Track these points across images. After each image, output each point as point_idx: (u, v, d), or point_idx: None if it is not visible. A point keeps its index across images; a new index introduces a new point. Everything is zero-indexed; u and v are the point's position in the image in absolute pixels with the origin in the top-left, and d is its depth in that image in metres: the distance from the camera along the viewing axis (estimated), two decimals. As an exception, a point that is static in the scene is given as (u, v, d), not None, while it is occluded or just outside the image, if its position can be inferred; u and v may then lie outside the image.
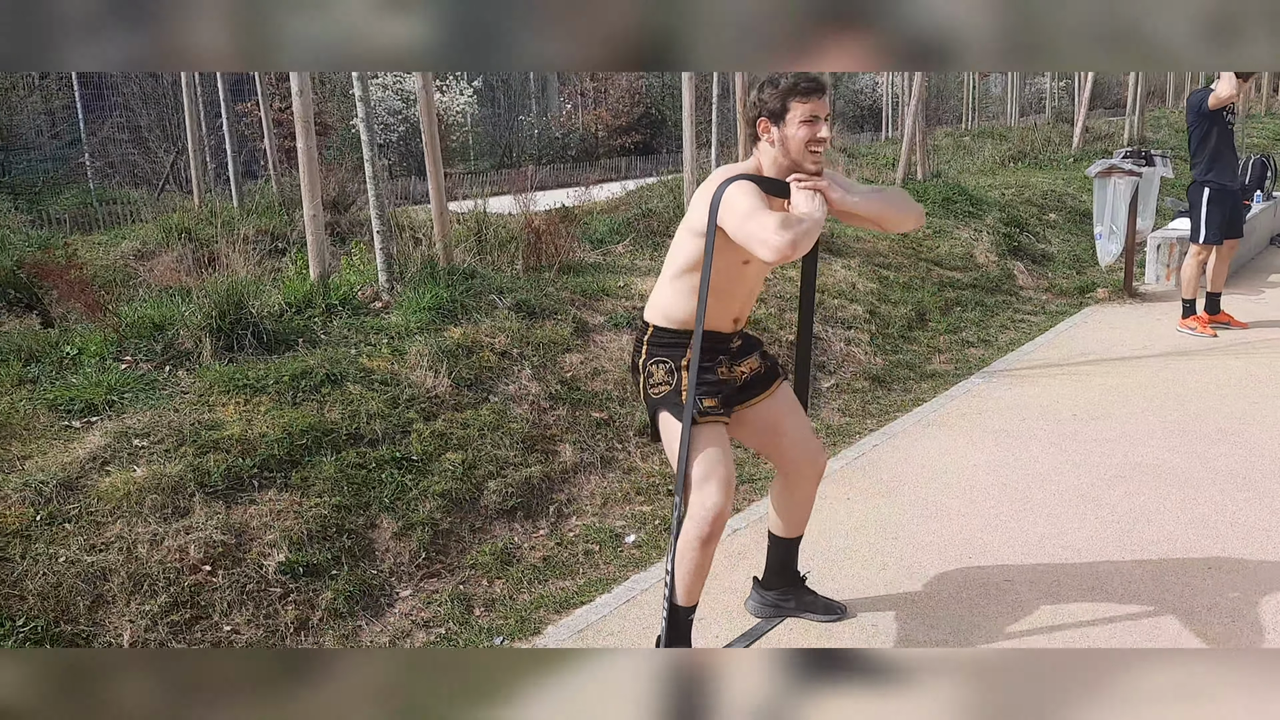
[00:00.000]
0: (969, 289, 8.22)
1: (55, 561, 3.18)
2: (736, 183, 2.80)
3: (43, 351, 4.52)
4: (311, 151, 5.08)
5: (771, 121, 2.87)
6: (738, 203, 2.74)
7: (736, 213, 2.73)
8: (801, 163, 2.87)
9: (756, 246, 2.65)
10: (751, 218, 2.68)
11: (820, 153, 2.87)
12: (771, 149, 2.90)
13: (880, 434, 5.43)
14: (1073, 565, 3.87)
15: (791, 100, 2.84)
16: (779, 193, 2.87)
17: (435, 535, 3.92)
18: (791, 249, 2.60)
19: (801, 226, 2.64)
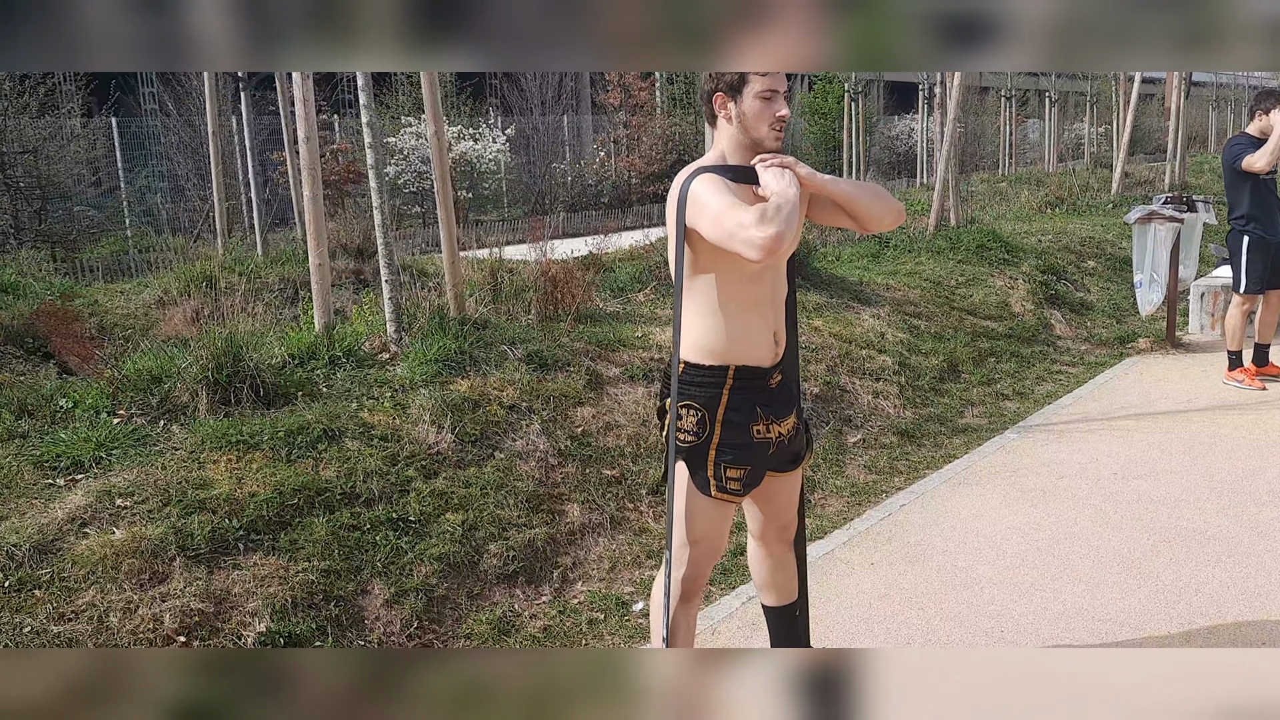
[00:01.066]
0: (1004, 339, 7.94)
1: (19, 631, 3.01)
2: (701, 178, 2.55)
3: (37, 405, 4.40)
4: (317, 200, 4.96)
5: (728, 96, 2.64)
6: (708, 201, 2.49)
7: (708, 213, 2.48)
8: (763, 140, 2.63)
9: (740, 248, 2.39)
10: (726, 214, 2.43)
11: (781, 131, 2.65)
12: (730, 127, 2.66)
13: (908, 493, 5.16)
14: (1112, 640, 3.58)
15: (749, 72, 2.62)
16: (747, 179, 2.61)
17: (430, 602, 3.71)
18: (778, 242, 2.34)
19: (782, 214, 2.38)
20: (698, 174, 2.59)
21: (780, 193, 2.46)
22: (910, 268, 8.99)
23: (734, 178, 2.61)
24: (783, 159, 2.59)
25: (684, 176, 2.64)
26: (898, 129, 27.81)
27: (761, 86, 2.62)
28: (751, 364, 2.73)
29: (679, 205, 2.59)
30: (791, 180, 2.51)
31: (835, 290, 7.66)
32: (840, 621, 3.80)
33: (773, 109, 2.63)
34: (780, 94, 2.65)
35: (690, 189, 2.56)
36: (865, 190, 2.73)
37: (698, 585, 2.83)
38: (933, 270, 8.93)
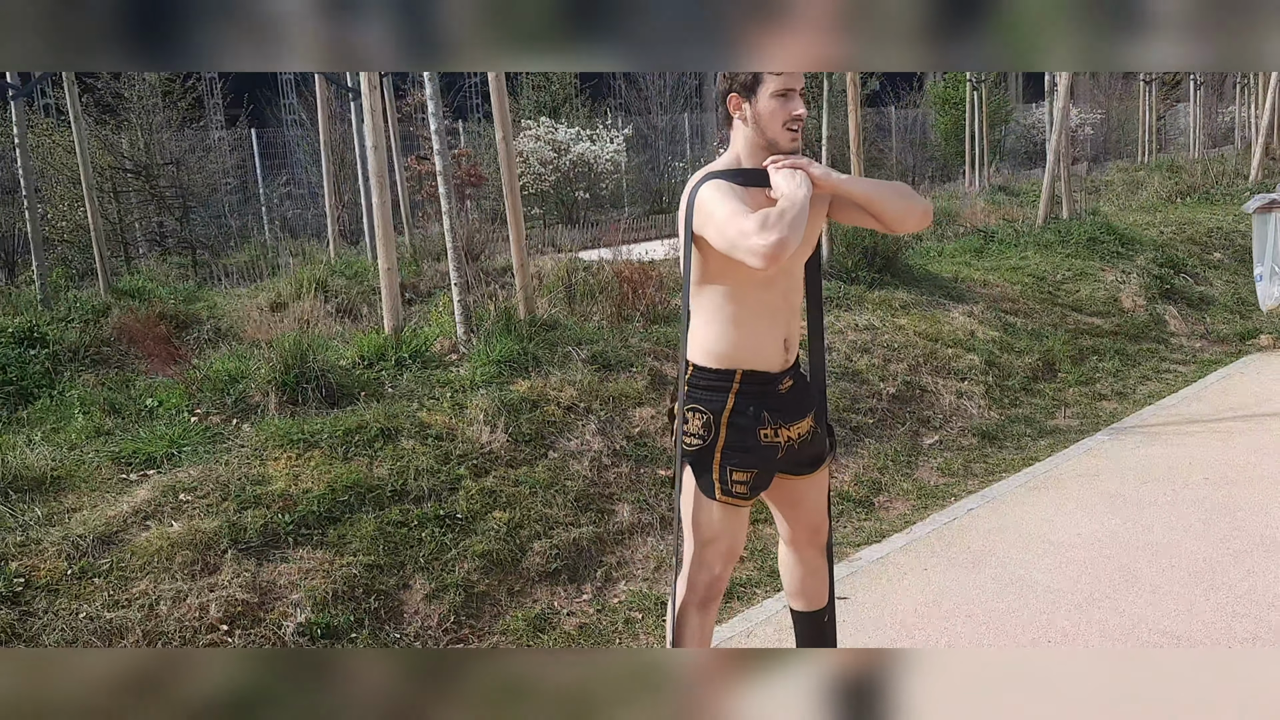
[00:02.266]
0: (1109, 336, 7.60)
1: (76, 617, 3.23)
2: (709, 184, 2.52)
3: (125, 404, 4.69)
4: (385, 208, 5.13)
5: (743, 96, 2.59)
6: (713, 209, 2.46)
7: (714, 221, 2.45)
8: (778, 141, 2.58)
9: (743, 256, 2.37)
10: (730, 222, 2.40)
11: (798, 131, 2.60)
12: (745, 128, 2.61)
13: (979, 496, 5.01)
14: (1165, 656, 3.41)
15: (764, 71, 2.57)
16: (760, 182, 2.57)
17: (469, 598, 3.80)
18: (780, 249, 2.31)
19: (785, 219, 2.34)
20: (707, 179, 2.56)
21: (788, 195, 2.43)
22: (1014, 262, 8.69)
23: (745, 181, 2.58)
24: (795, 160, 2.56)
25: (694, 181, 2.61)
26: (1034, 117, 26.80)
27: (776, 86, 2.57)
28: (760, 369, 2.69)
29: (687, 211, 2.58)
30: (802, 182, 2.48)
31: (926, 287, 7.48)
32: (881, 627, 3.72)
33: (788, 108, 2.58)
34: (796, 92, 2.60)
35: (698, 196, 2.53)
36: (886, 189, 2.65)
37: (715, 590, 2.78)
38: (1038, 265, 8.61)
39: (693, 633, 2.77)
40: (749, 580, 4.18)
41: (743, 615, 3.88)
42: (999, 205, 12.02)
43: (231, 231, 16.94)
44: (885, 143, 26.15)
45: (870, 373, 6.08)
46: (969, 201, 11.59)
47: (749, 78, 2.59)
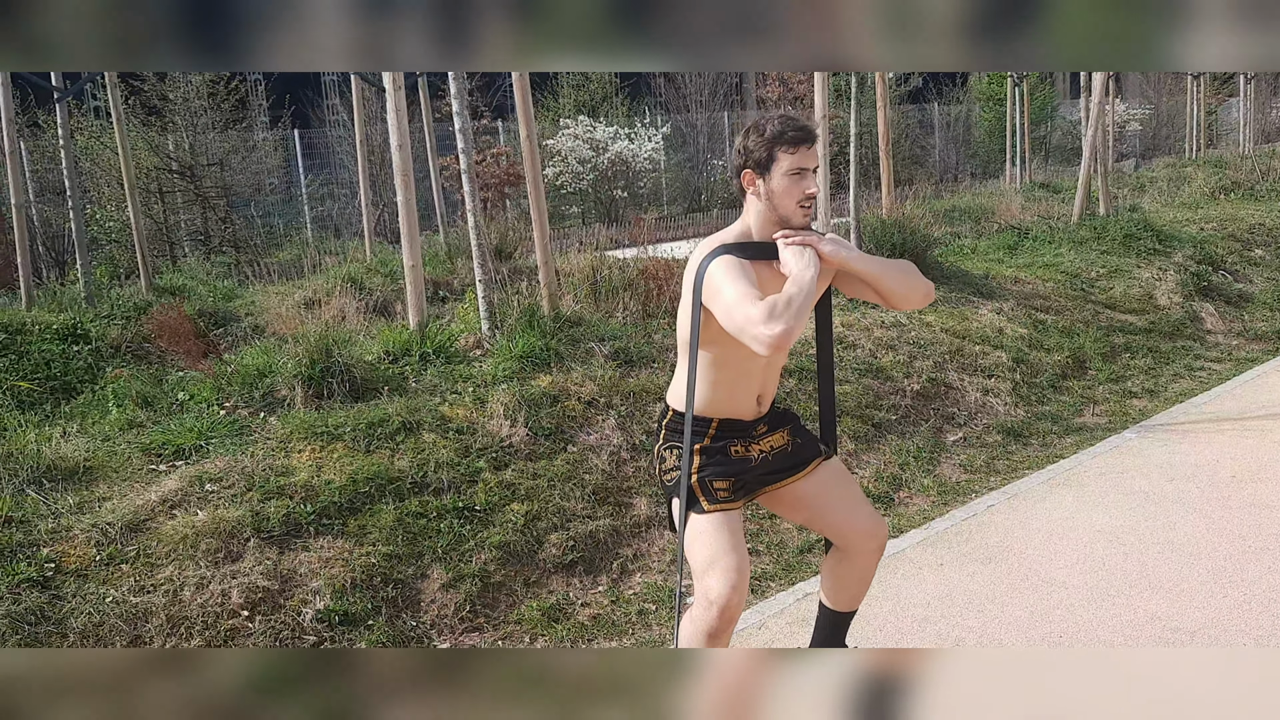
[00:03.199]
0: (1142, 334, 7.52)
1: (103, 601, 3.34)
2: (718, 260, 2.58)
3: (157, 397, 4.82)
4: (410, 205, 5.22)
5: (757, 173, 2.64)
6: (722, 287, 2.53)
7: (722, 299, 2.52)
8: (791, 218, 2.64)
9: (748, 342, 2.45)
10: (737, 307, 2.47)
11: (809, 208, 2.65)
12: (759, 203, 2.67)
13: (1001, 493, 5.00)
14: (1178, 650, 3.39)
15: (779, 150, 2.60)
16: (769, 255, 2.64)
17: (485, 588, 3.87)
18: (785, 339, 2.39)
19: (791, 309, 2.42)
20: (717, 254, 2.62)
21: (796, 277, 2.51)
22: (1048, 259, 8.62)
23: (754, 255, 2.64)
24: (806, 237, 2.62)
25: (704, 252, 2.67)
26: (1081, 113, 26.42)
27: (790, 165, 2.61)
28: (734, 418, 2.83)
29: (695, 281, 2.64)
30: (811, 261, 2.55)
31: (956, 284, 7.44)
32: (892, 621, 3.74)
33: (801, 186, 2.62)
34: (809, 171, 2.64)
35: (708, 271, 2.59)
36: (891, 269, 2.73)
37: (730, 615, 2.65)
38: (1071, 262, 8.54)
39: None
40: (763, 574, 4.21)
41: (756, 608, 3.91)
42: (1038, 201, 11.92)
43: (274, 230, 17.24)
44: (928, 140, 25.95)
45: (895, 369, 6.07)
46: (1006, 198, 11.49)
47: (764, 156, 2.62)
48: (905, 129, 24.44)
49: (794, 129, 2.61)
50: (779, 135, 2.60)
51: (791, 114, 2.75)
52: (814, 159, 2.64)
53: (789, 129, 2.61)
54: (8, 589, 3.25)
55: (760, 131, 2.64)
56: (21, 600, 3.23)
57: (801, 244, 2.59)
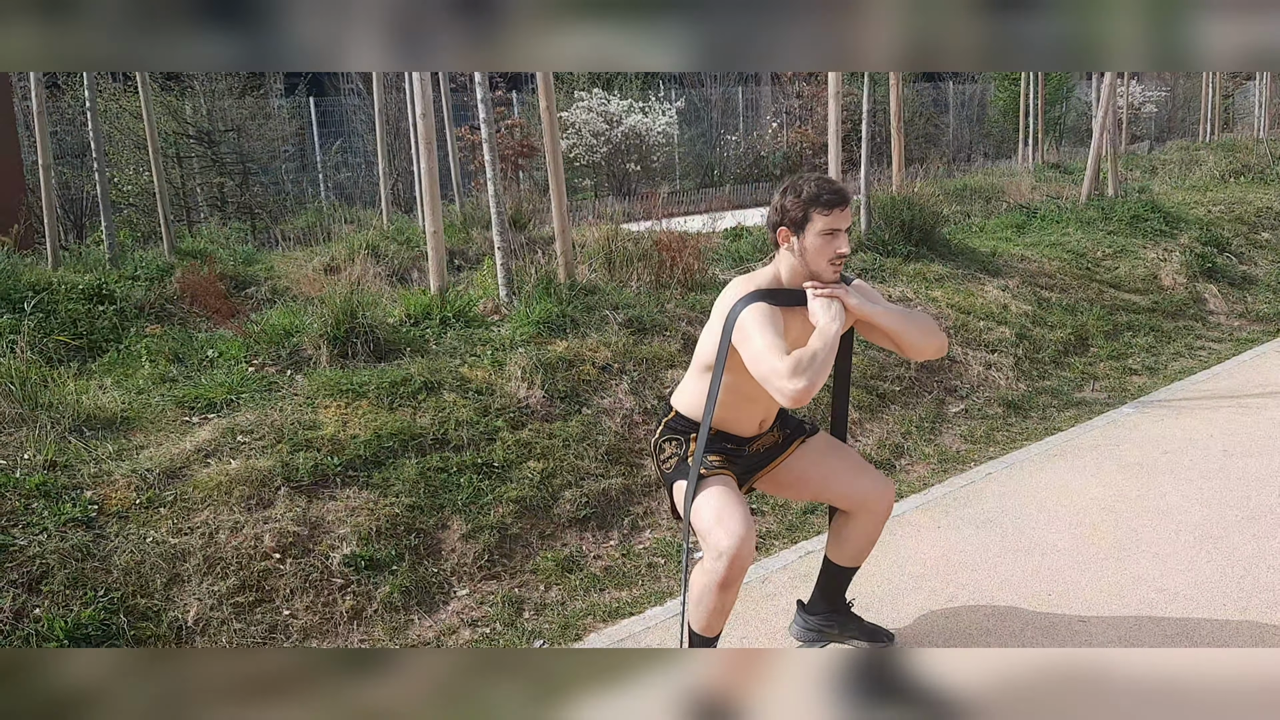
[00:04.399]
0: (1145, 313, 7.66)
1: (144, 541, 3.53)
2: (751, 308, 2.78)
3: (189, 354, 5.01)
4: (432, 173, 5.38)
5: (792, 230, 2.84)
6: (752, 335, 2.73)
7: (750, 346, 2.73)
8: (821, 274, 2.85)
9: (772, 392, 2.66)
10: (765, 358, 2.67)
11: (840, 267, 2.85)
12: (791, 257, 2.88)
13: (998, 463, 5.17)
14: (1161, 609, 3.57)
15: (814, 210, 2.80)
16: (797, 302, 2.86)
17: (502, 539, 4.06)
18: (806, 395, 2.60)
19: (815, 364, 2.62)
20: (750, 300, 2.81)
21: (822, 330, 2.73)
22: (1055, 238, 8.74)
23: (785, 302, 2.85)
24: (833, 289, 2.84)
25: (736, 295, 2.86)
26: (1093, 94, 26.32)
27: (824, 225, 2.80)
28: (734, 433, 3.07)
29: (727, 322, 2.84)
30: (837, 314, 2.78)
31: (963, 261, 7.59)
32: (889, 578, 3.92)
33: (834, 246, 2.82)
34: (842, 232, 2.83)
35: (740, 318, 2.79)
36: (911, 324, 2.95)
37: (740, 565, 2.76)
38: (1078, 241, 8.66)
39: (713, 607, 2.81)
40: (768, 532, 4.39)
41: (760, 564, 4.09)
42: (1048, 182, 12.01)
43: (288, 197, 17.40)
44: (942, 118, 25.96)
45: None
46: (1016, 178, 11.59)
47: (800, 215, 2.82)
48: (920, 107, 24.45)
49: (829, 192, 2.81)
50: (815, 197, 2.80)
51: (827, 176, 2.93)
52: (847, 219, 2.84)
53: (825, 191, 2.80)
54: (55, 527, 3.45)
55: (797, 192, 2.83)
56: (68, 538, 3.42)
57: (829, 296, 2.81)
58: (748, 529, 2.78)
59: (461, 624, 3.64)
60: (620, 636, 3.57)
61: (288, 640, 3.43)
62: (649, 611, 3.75)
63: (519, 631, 3.61)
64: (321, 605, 3.57)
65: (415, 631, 3.59)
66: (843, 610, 3.45)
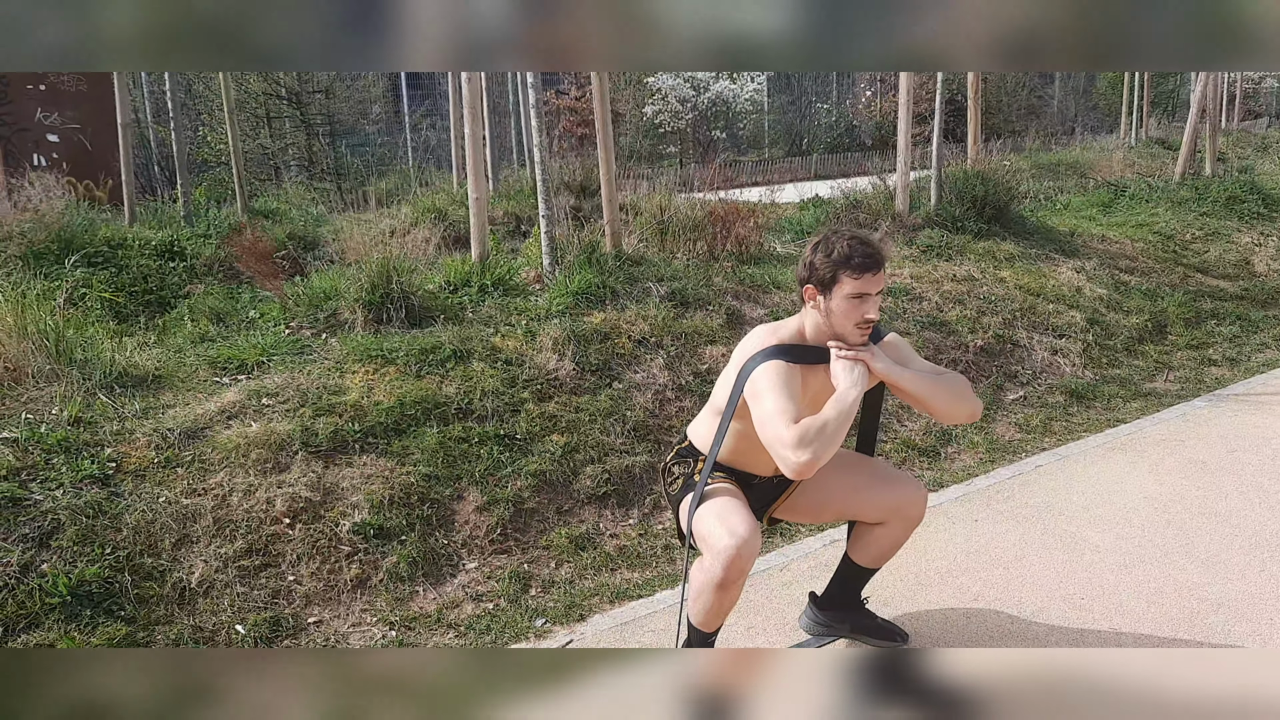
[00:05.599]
0: (1232, 300, 7.24)
1: (156, 501, 3.57)
2: (767, 365, 2.64)
3: (230, 314, 5.06)
4: (476, 139, 5.31)
5: (819, 290, 2.69)
6: (763, 394, 2.60)
7: (761, 406, 2.60)
8: (846, 337, 2.70)
9: (775, 458, 2.54)
10: (772, 422, 2.54)
11: (867, 330, 2.70)
12: (817, 315, 2.72)
13: (1052, 454, 4.92)
14: (1201, 620, 3.34)
15: (843, 273, 2.64)
16: (819, 359, 2.72)
17: (518, 513, 4.01)
18: (810, 467, 2.48)
19: (824, 435, 2.49)
20: (769, 355, 2.67)
21: (839, 397, 2.58)
22: (1142, 219, 8.32)
23: (805, 359, 2.71)
24: (859, 352, 2.68)
25: (756, 346, 2.73)
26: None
27: (853, 289, 2.65)
28: (749, 471, 2.95)
29: (741, 374, 2.71)
30: (859, 378, 2.63)
31: (1037, 240, 7.26)
32: (913, 571, 3.75)
33: (861, 310, 2.67)
34: (872, 296, 2.67)
35: (755, 373, 2.66)
36: (941, 389, 2.77)
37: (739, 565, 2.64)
38: (1167, 222, 8.22)
39: (712, 605, 2.70)
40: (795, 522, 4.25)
41: (780, 550, 3.97)
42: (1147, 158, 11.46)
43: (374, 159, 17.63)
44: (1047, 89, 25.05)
45: (960, 324, 5.98)
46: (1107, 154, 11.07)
47: (828, 275, 2.67)
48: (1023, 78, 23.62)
49: (861, 255, 2.64)
50: (846, 259, 2.64)
51: (863, 235, 2.74)
52: (878, 284, 2.67)
53: (856, 254, 2.64)
54: (71, 483, 3.50)
55: (829, 250, 2.67)
56: (83, 494, 3.47)
57: (854, 359, 2.66)
58: (750, 530, 2.65)
59: (466, 598, 3.60)
60: (625, 619, 3.48)
61: (289, 606, 3.43)
62: (659, 594, 3.66)
63: (522, 609, 3.55)
64: (327, 572, 3.56)
65: (418, 603, 3.56)
66: (856, 607, 3.30)
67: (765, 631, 3.37)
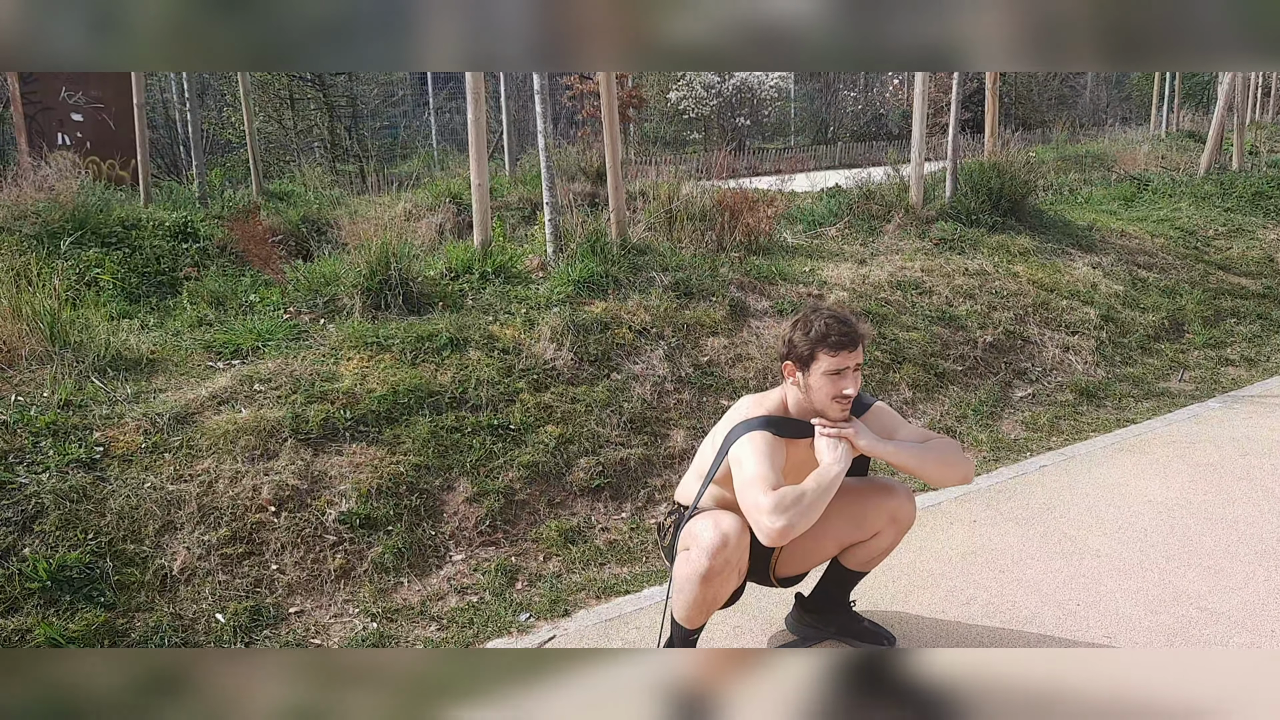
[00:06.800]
0: (1254, 299, 7.08)
1: (141, 486, 3.55)
2: (751, 435, 2.67)
3: (230, 298, 5.04)
4: (480, 124, 5.26)
5: (797, 366, 2.74)
6: (744, 462, 2.62)
7: (741, 474, 2.62)
8: (826, 412, 2.72)
9: (752, 525, 2.55)
10: (750, 488, 2.56)
11: (846, 404, 2.70)
12: (796, 391, 2.77)
13: (1057, 454, 4.83)
14: (1199, 630, 3.26)
15: (820, 350, 2.68)
16: (802, 434, 2.74)
17: (508, 505, 3.97)
18: (784, 536, 2.48)
19: (801, 505, 2.50)
20: (754, 425, 2.70)
21: (820, 473, 2.61)
22: (1164, 213, 8.16)
23: (789, 433, 2.74)
24: (843, 430, 2.70)
25: (742, 416, 2.77)
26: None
27: (830, 366, 2.69)
28: None
29: (725, 442, 2.74)
30: (842, 456, 2.66)
31: (1053, 234, 7.13)
32: (905, 573, 3.69)
33: (839, 386, 2.70)
34: (849, 370, 2.70)
35: (738, 442, 2.69)
36: (929, 460, 2.77)
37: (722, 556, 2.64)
38: (1189, 218, 8.07)
39: (695, 599, 2.68)
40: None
41: (773, 548, 3.91)
42: (1175, 150, 11.25)
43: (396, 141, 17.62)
44: (1079, 80, 24.70)
45: (970, 319, 5.89)
46: (1132, 145, 10.88)
47: (806, 352, 2.72)
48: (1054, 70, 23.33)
49: (838, 334, 2.68)
50: (822, 337, 2.69)
51: (840, 315, 2.76)
52: (855, 359, 2.71)
53: (833, 333, 2.68)
54: (57, 467, 3.49)
55: (806, 329, 2.72)
56: (68, 479, 3.46)
57: (837, 437, 2.68)
58: (739, 528, 2.66)
59: (450, 590, 3.57)
60: (611, 615, 3.44)
61: (271, 595, 3.41)
62: (646, 590, 3.61)
63: (506, 603, 3.51)
64: (310, 562, 3.54)
65: (401, 595, 3.53)
66: (844, 610, 3.25)
67: (751, 632, 3.32)
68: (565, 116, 18.15)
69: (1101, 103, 24.88)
